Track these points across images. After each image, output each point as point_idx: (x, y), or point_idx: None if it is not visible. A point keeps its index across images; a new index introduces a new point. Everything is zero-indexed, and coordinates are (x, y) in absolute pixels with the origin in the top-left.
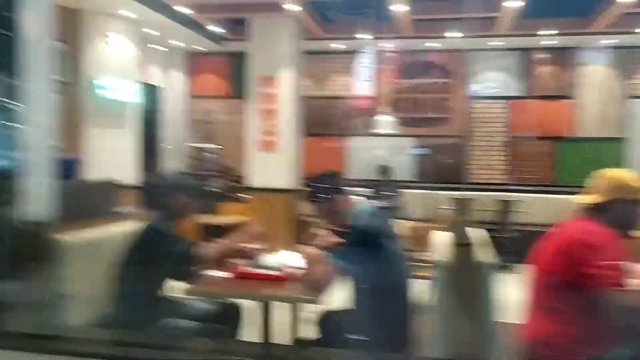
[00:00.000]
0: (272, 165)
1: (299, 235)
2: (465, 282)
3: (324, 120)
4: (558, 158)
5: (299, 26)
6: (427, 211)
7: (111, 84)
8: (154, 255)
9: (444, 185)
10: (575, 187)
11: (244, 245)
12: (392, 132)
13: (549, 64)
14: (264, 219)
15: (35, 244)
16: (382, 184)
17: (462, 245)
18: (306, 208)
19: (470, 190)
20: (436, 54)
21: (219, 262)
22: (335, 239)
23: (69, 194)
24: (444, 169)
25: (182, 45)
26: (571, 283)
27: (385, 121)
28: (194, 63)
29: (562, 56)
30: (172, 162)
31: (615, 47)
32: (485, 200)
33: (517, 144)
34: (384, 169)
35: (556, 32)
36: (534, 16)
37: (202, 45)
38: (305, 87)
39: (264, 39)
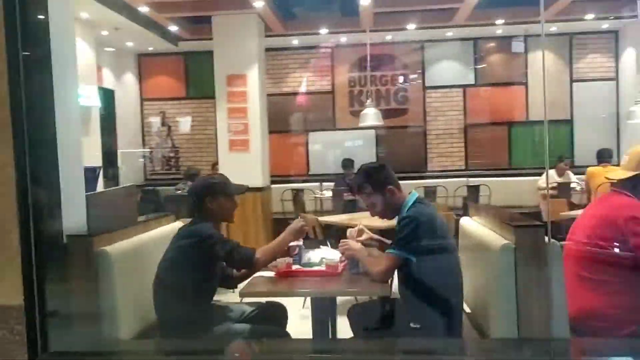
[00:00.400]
0: (244, 164)
1: (274, 234)
2: (537, 262)
3: (283, 117)
4: (511, 142)
5: (261, 23)
6: None
7: None
8: (211, 261)
9: (405, 174)
10: (528, 169)
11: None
12: (377, 124)
13: (499, 52)
14: (239, 219)
15: (81, 258)
16: (347, 177)
17: (530, 227)
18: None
19: (432, 178)
20: (393, 46)
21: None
22: (375, 235)
23: (101, 204)
24: (404, 159)
25: (136, 46)
26: (618, 255)
27: (371, 114)
28: (146, 64)
29: (511, 44)
30: (129, 167)
31: (559, 34)
32: (449, 187)
33: (473, 131)
34: (348, 163)
35: (506, 21)
36: (485, 7)
37: (157, 46)
38: (265, 84)
39: (228, 37)
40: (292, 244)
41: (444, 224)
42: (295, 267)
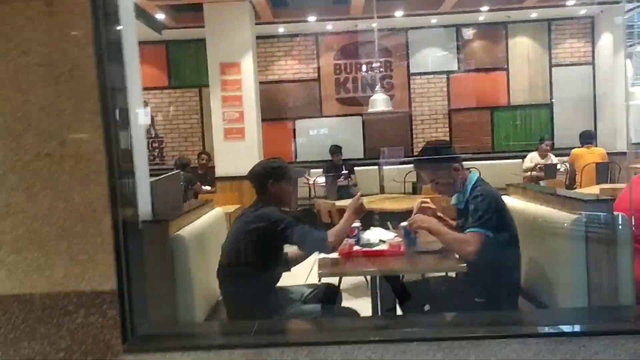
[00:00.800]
0: (239, 152)
1: None
2: (607, 233)
3: (270, 105)
4: (494, 126)
5: (252, 10)
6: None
7: None
8: (280, 244)
9: (393, 159)
10: (511, 152)
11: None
12: (387, 109)
13: (481, 38)
14: (236, 209)
15: (158, 243)
16: (336, 163)
17: (602, 201)
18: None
19: None
20: (379, 33)
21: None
22: (439, 212)
23: (157, 191)
24: (392, 144)
25: None
26: None
27: (381, 99)
28: None
29: (493, 31)
30: None
31: (538, 20)
32: None
33: (456, 116)
34: (336, 149)
35: (490, 8)
36: None
37: (139, 34)
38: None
39: (221, 25)
40: (354, 225)
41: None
42: (355, 247)
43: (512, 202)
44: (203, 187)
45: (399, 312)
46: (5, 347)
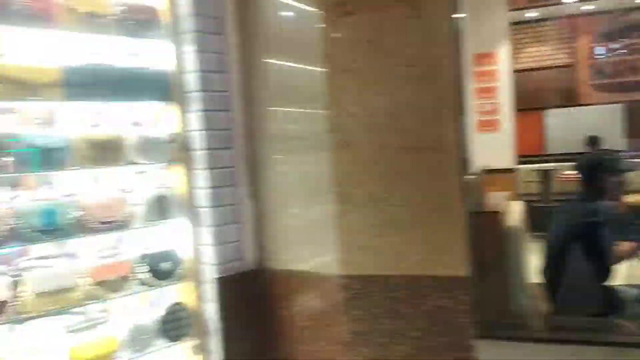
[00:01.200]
0: (492, 145)
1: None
2: None
3: (519, 94)
4: None
5: None
6: None
7: None
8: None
9: None
10: None
11: None
12: None
13: None
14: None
15: (496, 233)
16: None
17: None
18: None
19: None
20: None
21: None
22: None
23: None
24: None
25: None
26: None
27: None
28: None
29: None
30: None
31: None
32: None
33: None
34: (593, 140)
35: None
36: None
37: None
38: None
39: (476, 14)
40: None
41: None
42: None
43: None
44: None
45: None
46: (369, 322)
